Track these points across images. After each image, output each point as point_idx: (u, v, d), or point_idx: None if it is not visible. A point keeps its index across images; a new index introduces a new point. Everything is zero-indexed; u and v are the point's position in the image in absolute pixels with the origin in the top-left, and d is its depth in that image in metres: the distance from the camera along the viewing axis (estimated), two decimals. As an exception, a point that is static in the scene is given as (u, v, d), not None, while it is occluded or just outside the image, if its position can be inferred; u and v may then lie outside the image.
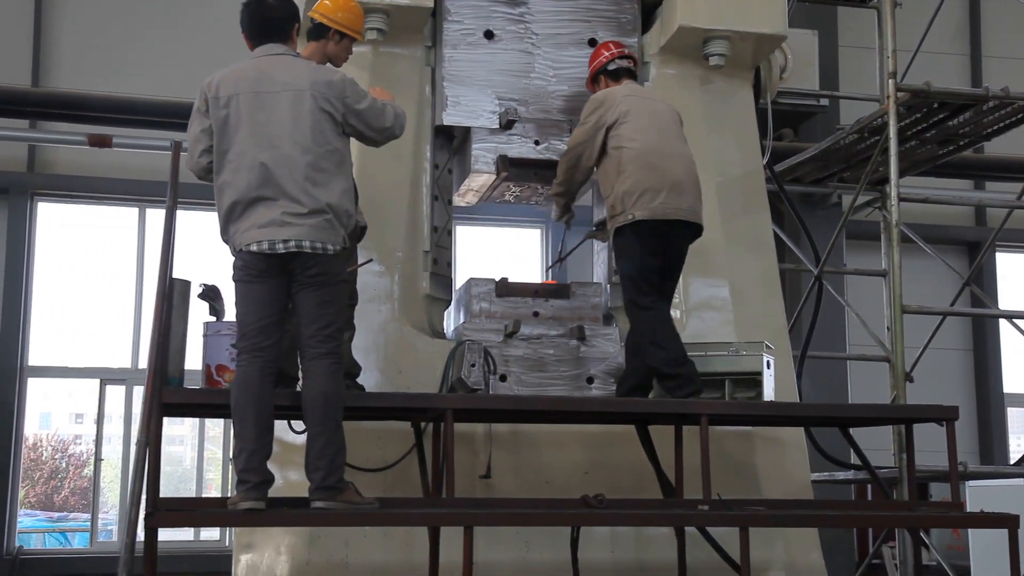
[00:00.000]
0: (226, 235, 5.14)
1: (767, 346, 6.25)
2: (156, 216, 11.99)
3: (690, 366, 6.02)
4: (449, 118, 6.88)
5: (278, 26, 5.32)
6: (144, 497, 4.98)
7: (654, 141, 6.20)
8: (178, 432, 12.77)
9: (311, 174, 5.06)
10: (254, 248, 4.99)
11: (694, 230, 6.26)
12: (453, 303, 7.01)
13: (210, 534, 11.85)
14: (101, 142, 10.84)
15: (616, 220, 6.17)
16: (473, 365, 6.14)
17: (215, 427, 12.27)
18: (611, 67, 6.55)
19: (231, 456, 6.14)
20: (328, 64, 5.57)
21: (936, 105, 8.13)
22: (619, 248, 6.25)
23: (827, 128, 11.09)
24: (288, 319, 5.15)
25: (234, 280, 5.11)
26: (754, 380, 6.13)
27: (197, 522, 8.70)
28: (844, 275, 10.89)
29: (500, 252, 12.31)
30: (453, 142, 7.21)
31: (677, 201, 6.10)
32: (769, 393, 6.15)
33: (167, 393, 5.18)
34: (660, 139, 6.22)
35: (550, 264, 6.94)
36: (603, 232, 6.82)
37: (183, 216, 5.66)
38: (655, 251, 6.12)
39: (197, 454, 12.20)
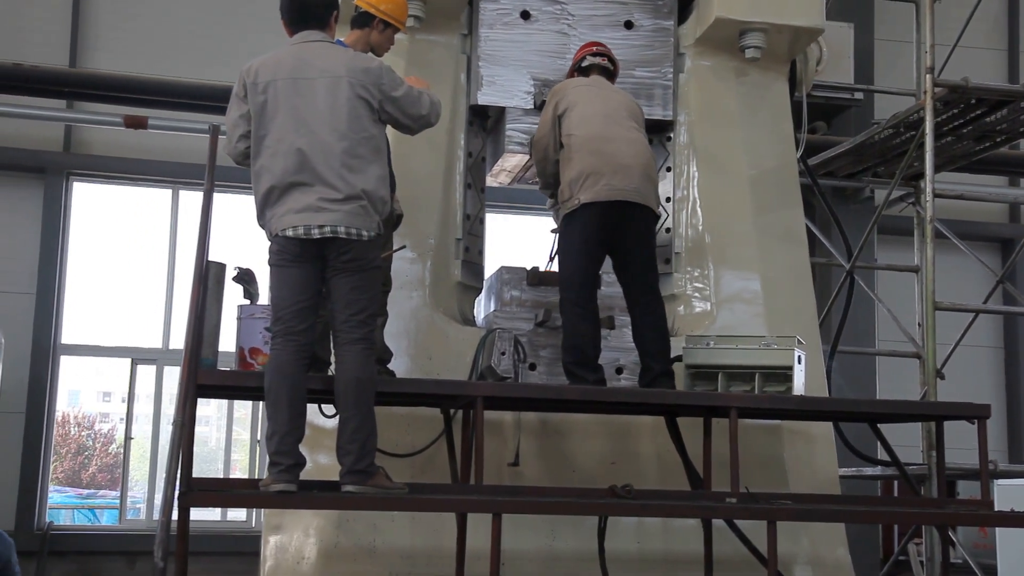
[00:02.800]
0: (262, 219, 5.18)
1: (799, 340, 6.23)
2: (189, 198, 12.07)
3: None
4: (484, 98, 6.93)
5: (316, 13, 5.35)
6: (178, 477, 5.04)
7: (599, 127, 6.17)
8: (204, 413, 12.86)
9: (347, 160, 5.09)
10: (290, 233, 5.03)
11: (648, 214, 6.19)
12: (484, 291, 7.03)
13: (237, 515, 11.92)
14: (137, 123, 10.90)
15: (565, 207, 6.15)
16: (503, 353, 6.16)
17: (242, 408, 12.34)
18: (584, 64, 6.57)
19: (264, 438, 6.17)
20: (370, 52, 5.60)
21: (973, 101, 8.07)
22: (560, 238, 6.25)
23: (861, 122, 11.01)
24: (323, 304, 5.19)
25: (269, 264, 5.16)
26: (785, 374, 6.10)
27: (230, 503, 8.74)
28: (875, 270, 10.83)
29: (531, 241, 12.29)
30: (488, 122, 7.23)
31: (623, 183, 6.04)
32: (799, 387, 6.13)
33: (202, 374, 5.21)
34: (606, 125, 6.19)
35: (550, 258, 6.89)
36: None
37: (218, 199, 5.69)
38: (597, 243, 6.07)
39: (225, 435, 12.28)
